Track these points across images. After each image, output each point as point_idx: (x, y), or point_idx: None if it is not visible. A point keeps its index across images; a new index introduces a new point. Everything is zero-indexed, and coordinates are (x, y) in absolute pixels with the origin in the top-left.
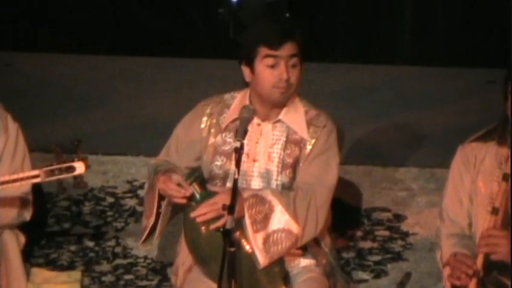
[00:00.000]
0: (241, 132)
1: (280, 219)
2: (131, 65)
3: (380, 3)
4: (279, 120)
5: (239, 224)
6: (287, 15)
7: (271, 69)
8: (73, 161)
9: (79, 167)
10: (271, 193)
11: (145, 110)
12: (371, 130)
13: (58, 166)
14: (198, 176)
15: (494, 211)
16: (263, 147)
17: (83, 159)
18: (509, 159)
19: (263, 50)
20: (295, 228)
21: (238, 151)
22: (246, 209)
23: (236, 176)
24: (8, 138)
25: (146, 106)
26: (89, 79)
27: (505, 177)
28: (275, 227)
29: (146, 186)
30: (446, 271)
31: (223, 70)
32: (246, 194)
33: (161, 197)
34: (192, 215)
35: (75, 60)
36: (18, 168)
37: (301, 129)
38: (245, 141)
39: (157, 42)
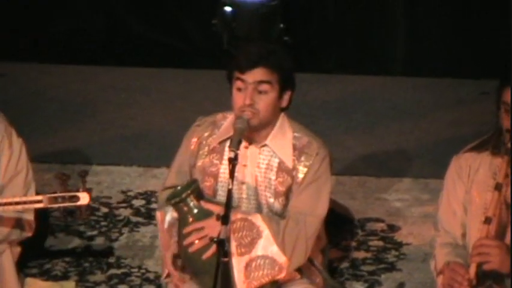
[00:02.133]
0: (235, 143)
1: (267, 246)
2: (123, 75)
3: (373, 14)
4: (265, 145)
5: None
6: (281, 25)
7: (240, 93)
8: (78, 190)
9: (83, 198)
10: (261, 218)
11: (138, 121)
12: (365, 141)
13: (62, 194)
14: (195, 188)
15: (487, 220)
16: (250, 170)
17: (88, 191)
18: (502, 169)
19: (235, 74)
20: (281, 258)
21: (232, 161)
22: (232, 232)
23: (230, 186)
24: (12, 154)
25: (139, 116)
26: (83, 90)
27: (497, 186)
28: (260, 253)
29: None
30: (440, 280)
31: (216, 81)
32: (233, 217)
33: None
34: (185, 243)
35: (68, 70)
36: (20, 185)
37: (286, 156)
38: (239, 152)
39: (150, 53)
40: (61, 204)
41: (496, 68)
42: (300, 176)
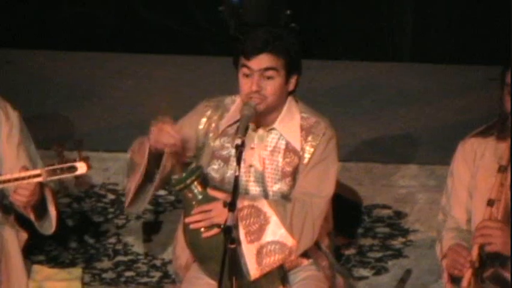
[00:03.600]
0: (242, 129)
1: (275, 231)
2: (131, 62)
3: (381, 0)
4: (273, 128)
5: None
6: (288, 12)
7: (246, 79)
8: (75, 160)
9: (81, 167)
10: (267, 204)
11: (145, 107)
12: (372, 127)
13: (60, 166)
14: (199, 175)
15: (490, 203)
16: (258, 153)
17: (85, 160)
18: (506, 152)
19: (242, 60)
20: (290, 241)
21: (239, 148)
22: (239, 220)
23: (237, 173)
24: (12, 126)
25: (146, 103)
26: (89, 76)
27: (501, 169)
28: (269, 239)
29: (129, 152)
30: (445, 263)
31: (223, 67)
32: (240, 204)
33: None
34: (186, 220)
35: (75, 57)
36: (27, 155)
37: (294, 139)
38: (247, 135)
39: (157, 39)
40: (60, 176)
41: (504, 54)
42: (307, 156)
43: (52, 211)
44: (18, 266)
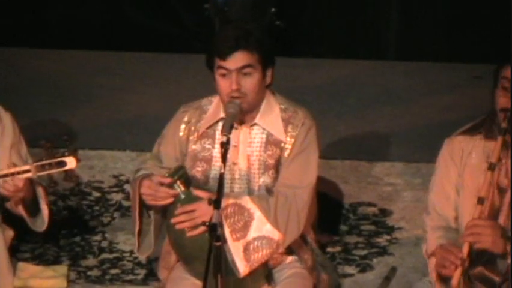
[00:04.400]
0: (227, 127)
1: (260, 226)
2: (117, 60)
3: None
4: (255, 124)
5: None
6: (273, 10)
7: (224, 79)
8: (63, 155)
9: (70, 162)
10: (250, 200)
11: (132, 105)
12: (357, 125)
13: (49, 161)
14: (182, 174)
15: (480, 201)
16: (242, 150)
17: (74, 154)
18: (496, 150)
19: (217, 60)
20: (276, 235)
21: (225, 146)
22: (224, 219)
23: (222, 171)
24: (4, 128)
25: (132, 101)
26: (76, 74)
27: (490, 166)
28: (255, 235)
29: (131, 193)
30: (432, 262)
31: None
32: (224, 203)
33: (143, 203)
34: (172, 221)
35: (62, 55)
36: (18, 156)
37: (278, 131)
38: (231, 136)
39: (143, 38)
40: (49, 171)
41: (488, 52)
42: (288, 146)
43: (44, 208)
44: (3, 264)
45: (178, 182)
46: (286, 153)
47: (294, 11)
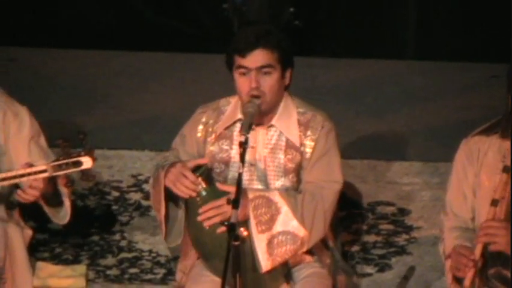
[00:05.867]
0: (246, 127)
1: (287, 221)
2: (135, 60)
3: None
4: (272, 125)
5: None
6: (291, 9)
7: (244, 78)
8: (80, 155)
9: (86, 162)
10: (278, 194)
11: (149, 105)
12: (375, 124)
13: (65, 161)
14: (204, 171)
15: (494, 203)
16: (259, 152)
17: (90, 153)
18: (510, 154)
19: (236, 59)
20: (302, 232)
21: (243, 145)
22: (251, 210)
23: (241, 170)
24: (21, 123)
25: (150, 101)
26: (94, 75)
27: (505, 169)
28: (280, 229)
29: (151, 181)
30: (448, 263)
31: None
32: (251, 195)
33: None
34: (199, 218)
35: (79, 55)
36: (38, 150)
37: (293, 134)
38: (249, 135)
39: (161, 38)
40: (66, 171)
41: (506, 52)
42: (308, 150)
43: (66, 200)
44: (23, 263)
45: (200, 179)
46: (307, 157)
47: (312, 11)
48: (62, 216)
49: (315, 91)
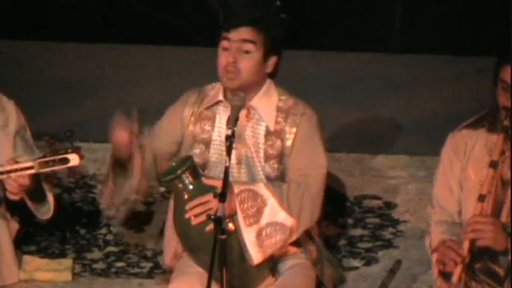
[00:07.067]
0: (232, 120)
1: (274, 213)
2: (121, 53)
3: None
4: (250, 106)
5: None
6: (277, 2)
7: (225, 52)
8: (67, 152)
9: (73, 159)
10: (264, 186)
11: (135, 98)
12: (361, 118)
13: (52, 158)
14: (190, 165)
15: (481, 198)
16: (240, 134)
17: (77, 151)
18: (497, 146)
19: (222, 33)
20: (289, 222)
21: (230, 139)
22: (237, 204)
23: (227, 164)
24: (8, 116)
25: (136, 94)
26: (81, 67)
27: (492, 164)
28: (268, 221)
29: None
30: (435, 257)
31: (213, 58)
32: (237, 189)
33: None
34: (187, 216)
35: (66, 48)
36: (23, 143)
37: (269, 118)
38: (235, 129)
39: (147, 30)
40: (52, 168)
41: (493, 45)
42: (290, 136)
43: (49, 196)
44: (9, 257)
45: (186, 172)
46: (288, 143)
47: (299, 4)
48: (45, 211)
49: (301, 83)
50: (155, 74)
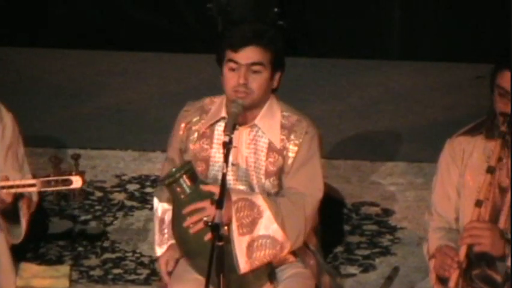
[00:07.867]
0: (230, 127)
1: (268, 225)
2: (119, 60)
3: None
4: (254, 125)
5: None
6: (276, 9)
7: (233, 72)
8: (70, 174)
9: (76, 181)
10: (262, 198)
11: (133, 105)
12: (359, 125)
13: (55, 178)
14: (188, 169)
15: (478, 204)
16: (241, 151)
17: (81, 174)
18: (495, 152)
19: (228, 53)
20: (281, 237)
21: (227, 145)
22: (233, 212)
23: (224, 170)
24: (5, 128)
25: (134, 101)
26: (78, 74)
27: (489, 169)
28: (261, 233)
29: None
30: (432, 264)
31: (212, 65)
32: (235, 197)
33: None
34: (185, 224)
35: (64, 55)
36: (15, 158)
37: (274, 136)
38: (233, 136)
39: (145, 38)
40: (54, 188)
41: (491, 52)
42: (291, 155)
43: (23, 221)
44: (6, 263)
45: (184, 176)
46: (289, 162)
47: (297, 11)
48: (17, 234)
49: (300, 91)
50: (154, 81)
